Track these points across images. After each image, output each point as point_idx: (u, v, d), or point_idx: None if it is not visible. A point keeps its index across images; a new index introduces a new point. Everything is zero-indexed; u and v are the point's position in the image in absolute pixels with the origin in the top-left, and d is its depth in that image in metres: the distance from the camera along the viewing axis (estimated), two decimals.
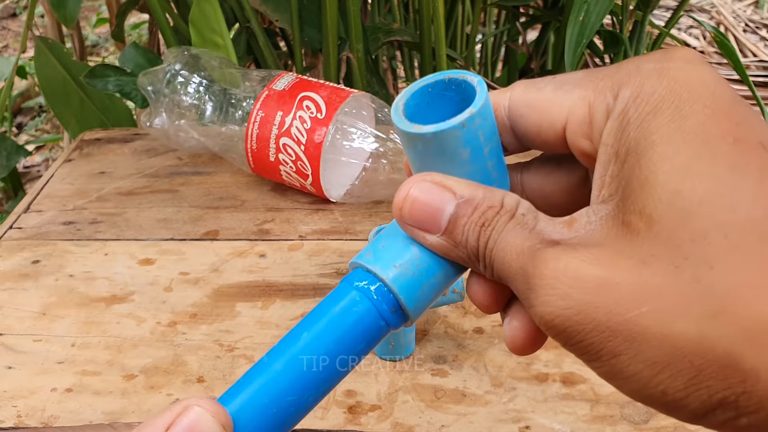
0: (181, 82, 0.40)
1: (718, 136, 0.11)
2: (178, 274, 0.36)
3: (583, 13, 0.46)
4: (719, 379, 0.11)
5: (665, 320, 0.11)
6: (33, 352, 0.31)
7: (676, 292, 0.11)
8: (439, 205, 0.14)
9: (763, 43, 1.26)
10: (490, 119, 0.14)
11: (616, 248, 0.12)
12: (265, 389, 0.15)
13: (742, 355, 0.11)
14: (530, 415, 0.27)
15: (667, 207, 0.11)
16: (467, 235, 0.14)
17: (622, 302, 0.11)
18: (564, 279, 0.12)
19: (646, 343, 0.11)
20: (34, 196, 0.43)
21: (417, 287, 0.15)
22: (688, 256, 0.11)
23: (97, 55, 1.45)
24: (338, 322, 0.15)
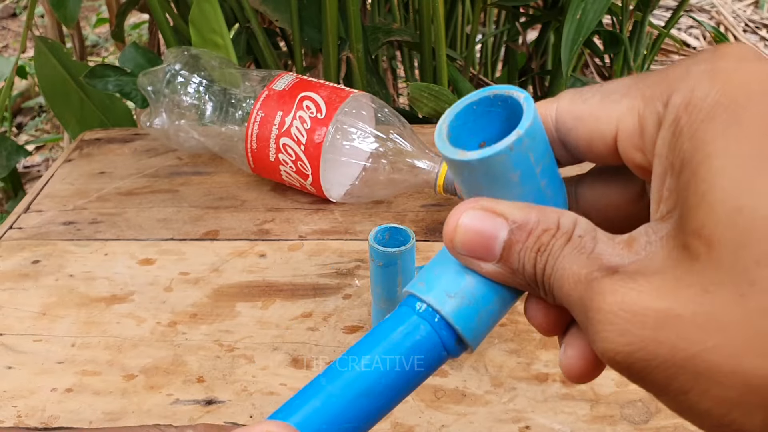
0: (181, 82, 0.40)
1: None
2: (178, 274, 0.36)
3: (580, 11, 0.46)
4: None
5: (733, 355, 0.10)
6: (33, 352, 0.31)
7: (742, 323, 0.10)
8: (491, 232, 0.13)
9: (763, 43, 1.26)
10: (540, 138, 0.13)
11: (676, 275, 0.11)
12: (323, 410, 0.14)
13: None
14: (530, 415, 0.27)
15: (728, 227, 0.10)
16: (523, 261, 0.13)
17: (685, 337, 0.11)
18: (622, 314, 0.11)
19: (714, 380, 0.11)
20: (34, 196, 0.43)
21: (473, 316, 0.14)
22: (754, 281, 0.10)
23: (97, 55, 1.45)
24: (400, 344, 0.14)
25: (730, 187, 0.10)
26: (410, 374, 0.14)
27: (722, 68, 0.11)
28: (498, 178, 0.13)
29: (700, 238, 0.11)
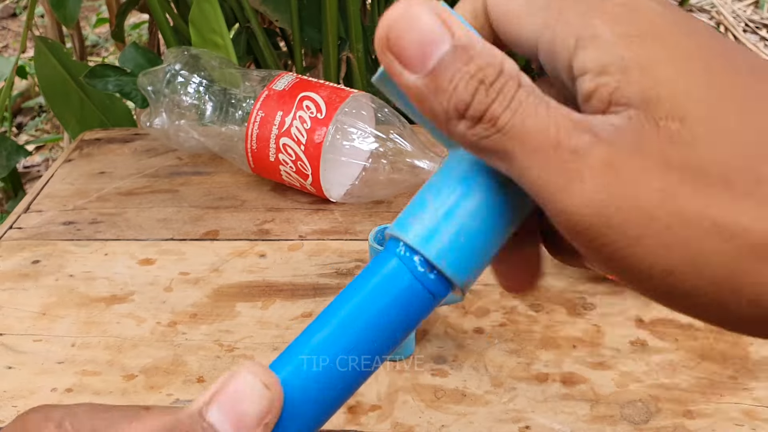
0: (181, 82, 0.40)
1: (719, 55, 0.11)
2: (178, 274, 0.36)
3: None
4: None
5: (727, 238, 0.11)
6: (33, 352, 0.31)
7: (734, 207, 0.11)
8: (433, 39, 0.12)
9: (763, 43, 1.26)
10: None
11: (664, 156, 0.11)
12: (315, 355, 0.13)
13: None
14: (530, 415, 0.27)
15: (709, 122, 0.11)
16: (458, 85, 0.12)
17: (683, 214, 0.11)
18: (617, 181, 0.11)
19: (707, 262, 0.11)
20: (34, 196, 0.43)
21: (459, 250, 0.13)
22: (737, 168, 0.11)
23: (97, 55, 1.45)
24: (377, 290, 0.13)
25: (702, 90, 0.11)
26: (396, 322, 0.14)
27: (639, 4, 0.12)
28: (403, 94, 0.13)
29: (682, 124, 0.11)
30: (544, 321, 0.31)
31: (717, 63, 0.11)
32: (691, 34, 0.11)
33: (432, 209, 0.13)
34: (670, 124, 0.11)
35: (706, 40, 0.12)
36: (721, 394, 0.27)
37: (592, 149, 0.11)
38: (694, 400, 0.27)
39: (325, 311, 0.14)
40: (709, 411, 0.27)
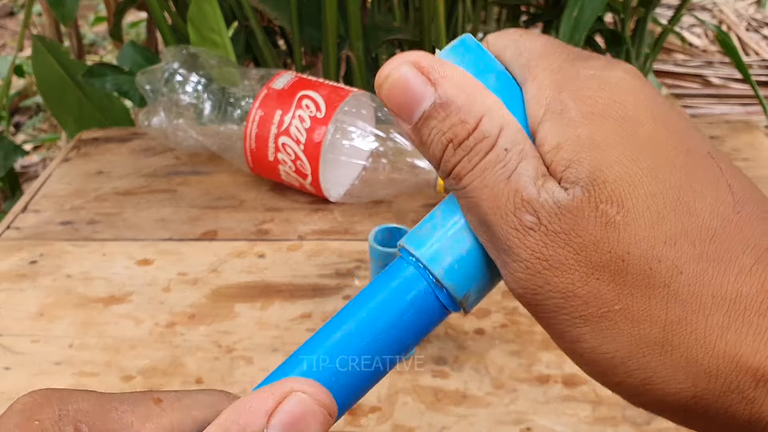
0: (180, 81, 0.40)
1: (672, 144, 0.12)
2: (176, 275, 0.35)
3: (577, 9, 0.46)
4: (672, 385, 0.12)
5: (634, 321, 0.12)
6: (30, 353, 0.31)
7: (646, 295, 0.12)
8: (416, 96, 0.13)
9: (765, 41, 1.25)
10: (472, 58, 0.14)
11: (594, 239, 0.12)
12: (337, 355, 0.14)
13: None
14: (531, 416, 0.27)
15: (644, 210, 0.12)
16: (432, 140, 0.13)
17: (598, 297, 0.12)
18: (541, 269, 0.12)
19: (611, 339, 0.12)
20: (31, 195, 0.43)
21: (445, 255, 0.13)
22: (660, 259, 0.12)
23: (95, 53, 1.45)
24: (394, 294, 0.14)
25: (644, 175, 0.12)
26: (411, 327, 0.14)
27: (611, 76, 0.13)
28: None
29: (618, 209, 0.12)
30: None
31: (664, 147, 0.12)
32: (655, 116, 0.12)
33: (442, 228, 0.14)
34: (608, 208, 0.12)
35: (661, 119, 0.12)
36: None
37: (530, 232, 0.12)
38: None
39: (343, 311, 0.14)
40: None
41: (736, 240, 0.12)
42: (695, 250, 0.11)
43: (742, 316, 0.11)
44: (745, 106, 1.07)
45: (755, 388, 0.11)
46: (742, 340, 0.11)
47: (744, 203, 0.12)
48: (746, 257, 0.12)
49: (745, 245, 0.12)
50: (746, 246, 0.12)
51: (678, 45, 1.19)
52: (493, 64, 0.14)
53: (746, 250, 0.12)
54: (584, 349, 0.12)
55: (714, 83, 1.12)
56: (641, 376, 0.12)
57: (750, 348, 0.11)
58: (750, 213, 0.12)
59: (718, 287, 0.11)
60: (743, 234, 0.12)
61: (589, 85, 0.12)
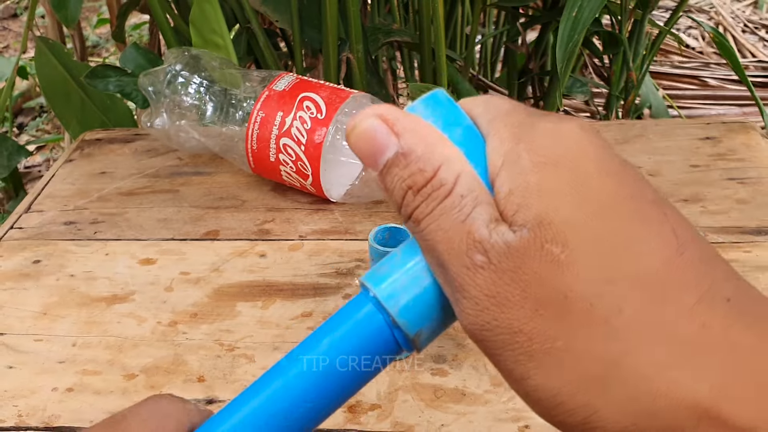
0: (182, 83, 0.40)
1: (618, 192, 0.13)
2: (178, 274, 0.36)
3: (576, 8, 0.46)
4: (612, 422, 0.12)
5: (576, 357, 0.12)
6: (34, 352, 0.31)
7: (587, 331, 0.12)
8: (380, 147, 0.14)
9: (762, 43, 1.26)
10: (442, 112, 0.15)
11: (539, 276, 0.12)
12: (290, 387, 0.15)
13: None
14: (530, 414, 0.27)
15: (587, 250, 0.12)
16: (394, 187, 0.14)
17: (542, 333, 0.12)
18: (489, 306, 0.13)
19: (555, 375, 0.12)
20: (35, 196, 0.43)
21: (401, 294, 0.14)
22: (602, 295, 0.12)
23: (98, 55, 1.45)
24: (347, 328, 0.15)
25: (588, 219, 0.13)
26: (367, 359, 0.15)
27: (563, 128, 0.13)
28: None
29: (563, 249, 0.12)
30: None
31: (609, 194, 0.13)
32: (602, 166, 0.13)
33: (401, 266, 0.15)
34: (553, 248, 0.12)
35: (608, 169, 0.13)
36: None
37: (480, 271, 0.13)
38: None
39: (301, 344, 0.15)
40: None
41: (677, 281, 0.12)
42: (636, 290, 0.12)
43: (681, 354, 0.11)
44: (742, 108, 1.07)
45: (696, 426, 0.11)
46: (681, 377, 0.11)
47: (687, 246, 0.12)
48: (687, 297, 0.12)
49: (687, 286, 0.12)
50: (688, 287, 0.12)
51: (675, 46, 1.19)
52: (462, 119, 0.15)
53: (688, 291, 0.12)
54: (530, 387, 0.13)
55: (711, 85, 1.12)
56: (583, 415, 0.12)
57: (689, 386, 0.11)
58: (692, 255, 0.12)
59: (658, 326, 0.12)
60: (685, 275, 0.12)
61: (543, 137, 0.13)
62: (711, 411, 0.11)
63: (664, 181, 0.40)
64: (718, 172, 0.40)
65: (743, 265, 0.33)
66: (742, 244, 0.35)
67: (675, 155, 0.42)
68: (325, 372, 0.14)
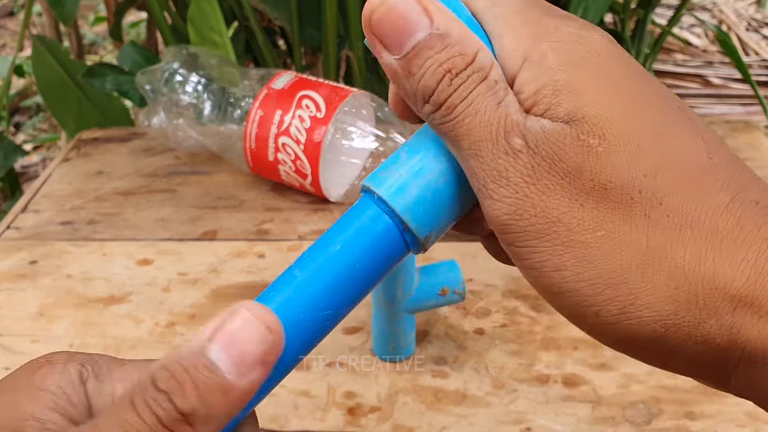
0: (180, 81, 0.40)
1: (648, 94, 0.13)
2: (176, 275, 0.35)
3: (581, 9, 0.46)
4: (653, 310, 0.12)
5: (616, 247, 0.12)
6: (31, 353, 0.31)
7: (628, 223, 0.12)
8: (412, 25, 0.13)
9: (765, 41, 1.25)
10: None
11: (577, 166, 0.12)
12: (302, 291, 0.14)
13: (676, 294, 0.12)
14: (531, 416, 0.27)
15: (625, 143, 0.12)
16: (426, 71, 0.13)
17: (582, 223, 0.12)
18: (529, 192, 0.12)
19: (593, 264, 0.12)
20: (31, 195, 0.43)
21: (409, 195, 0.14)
22: (641, 189, 0.12)
23: (95, 53, 1.45)
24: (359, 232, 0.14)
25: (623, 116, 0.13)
26: (376, 262, 0.14)
27: (587, 36, 0.13)
28: None
29: (600, 140, 0.12)
30: (546, 322, 0.31)
31: (640, 94, 0.13)
32: (630, 70, 0.13)
33: (405, 166, 0.14)
34: (590, 140, 0.12)
35: (636, 75, 0.13)
36: (723, 396, 0.27)
37: (520, 155, 0.13)
38: (697, 402, 0.27)
39: (309, 250, 0.14)
40: (711, 412, 0.26)
41: (711, 180, 0.12)
42: (674, 185, 0.12)
43: (719, 246, 0.12)
44: (745, 106, 1.07)
45: (732, 312, 0.12)
46: (719, 267, 0.12)
47: (715, 151, 0.13)
48: (722, 196, 0.12)
49: (721, 185, 0.12)
50: (722, 186, 0.12)
51: (678, 45, 1.19)
52: (462, 10, 0.14)
53: (722, 190, 0.12)
54: (565, 277, 0.12)
55: (714, 83, 1.12)
56: (621, 303, 0.12)
57: (727, 275, 0.12)
58: (721, 159, 0.13)
59: (696, 219, 0.12)
60: (718, 176, 0.12)
61: (568, 39, 0.13)
62: (746, 298, 0.12)
63: None
64: None
65: None
66: None
67: None
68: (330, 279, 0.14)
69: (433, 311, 0.32)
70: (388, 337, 0.29)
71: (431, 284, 0.28)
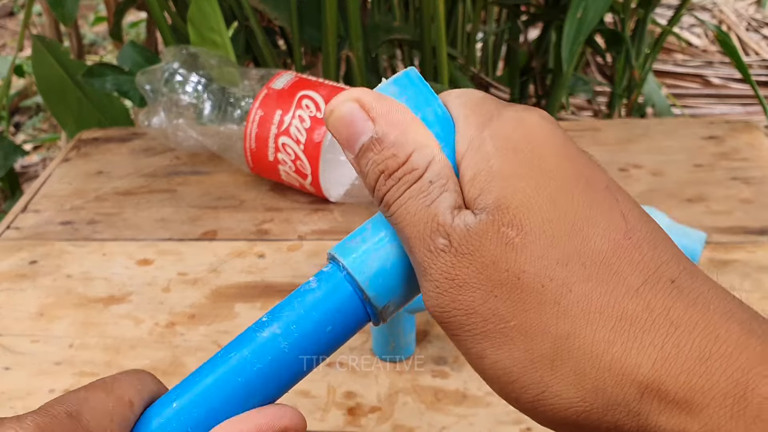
0: (180, 81, 0.40)
1: (573, 177, 0.13)
2: (176, 275, 0.35)
3: (581, 9, 0.46)
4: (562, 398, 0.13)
5: (528, 336, 0.13)
6: (31, 353, 0.31)
7: (539, 311, 0.13)
8: (357, 131, 0.14)
9: (765, 41, 1.25)
10: (413, 92, 0.15)
11: (494, 258, 0.13)
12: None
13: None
14: None
15: (540, 233, 0.13)
16: (368, 171, 0.14)
17: (496, 314, 0.13)
18: (448, 288, 0.13)
19: (508, 353, 0.13)
20: (31, 195, 0.43)
21: (370, 267, 0.15)
22: (552, 278, 0.13)
23: (95, 53, 1.45)
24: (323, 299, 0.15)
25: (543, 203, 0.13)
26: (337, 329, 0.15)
27: (526, 118, 0.14)
28: None
29: (518, 231, 0.13)
30: None
31: (566, 180, 0.13)
32: (560, 152, 0.14)
33: (370, 240, 0.15)
34: (509, 231, 0.13)
35: (567, 155, 0.14)
36: None
37: (441, 254, 0.13)
38: None
39: (270, 311, 0.15)
40: None
41: (625, 263, 0.13)
42: (585, 271, 0.13)
43: (627, 331, 0.12)
44: (745, 106, 1.07)
45: (640, 400, 0.12)
46: (626, 354, 0.12)
47: (635, 230, 0.13)
48: (634, 278, 0.12)
49: (634, 268, 0.13)
50: (635, 268, 0.13)
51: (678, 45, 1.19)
52: (433, 99, 0.15)
53: (634, 272, 0.12)
54: (486, 365, 0.13)
55: (714, 83, 1.12)
56: (535, 391, 0.13)
57: (634, 361, 0.12)
58: (640, 239, 0.13)
59: (605, 305, 0.12)
60: (632, 258, 0.13)
61: (507, 125, 0.14)
62: (652, 385, 0.12)
63: (667, 181, 0.40)
64: (721, 172, 0.40)
65: (746, 265, 0.33)
66: (746, 244, 0.34)
67: (678, 154, 0.42)
68: (292, 344, 0.15)
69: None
70: (388, 337, 0.29)
71: None
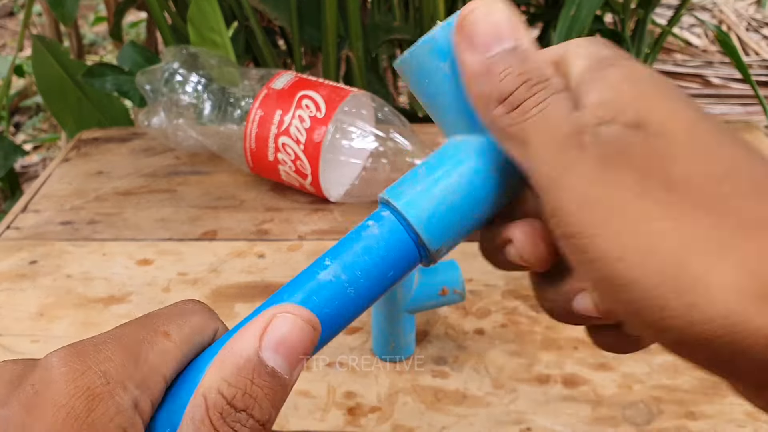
0: (180, 81, 0.40)
1: (697, 107, 0.14)
2: (176, 275, 0.35)
3: (574, 7, 0.46)
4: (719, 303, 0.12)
5: (682, 240, 0.12)
6: (30, 353, 0.31)
7: (695, 218, 0.12)
8: (505, 33, 0.14)
9: (765, 41, 1.25)
10: None
11: (646, 163, 0.13)
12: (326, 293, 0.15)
13: None
14: (531, 416, 0.27)
15: (691, 147, 0.13)
16: (507, 75, 0.14)
17: (648, 213, 0.12)
18: (595, 182, 0.13)
19: (658, 255, 0.12)
20: (31, 195, 0.43)
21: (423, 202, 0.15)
22: (709, 190, 0.12)
23: (95, 53, 1.45)
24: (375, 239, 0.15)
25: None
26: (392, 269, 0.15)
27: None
28: (432, 73, 0.15)
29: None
30: (546, 322, 0.31)
31: (695, 108, 0.14)
32: (675, 87, 0.14)
33: (423, 182, 0.15)
34: (658, 142, 0.13)
35: (685, 95, 0.14)
36: (723, 395, 0.27)
37: (590, 147, 0.13)
38: (697, 402, 0.27)
39: (329, 252, 0.15)
40: (711, 412, 0.26)
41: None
42: (742, 188, 0.12)
43: None
44: (745, 106, 1.07)
45: None
46: None
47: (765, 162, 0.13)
48: None
49: None
50: None
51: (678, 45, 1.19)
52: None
53: None
54: (628, 267, 0.12)
55: (714, 83, 1.12)
56: (686, 297, 0.12)
57: None
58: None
59: (764, 221, 0.12)
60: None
61: (626, 66, 0.14)
62: None
63: None
64: None
65: None
66: None
67: None
68: (358, 289, 0.15)
69: (433, 311, 0.32)
70: (388, 337, 0.29)
71: (431, 284, 0.28)
